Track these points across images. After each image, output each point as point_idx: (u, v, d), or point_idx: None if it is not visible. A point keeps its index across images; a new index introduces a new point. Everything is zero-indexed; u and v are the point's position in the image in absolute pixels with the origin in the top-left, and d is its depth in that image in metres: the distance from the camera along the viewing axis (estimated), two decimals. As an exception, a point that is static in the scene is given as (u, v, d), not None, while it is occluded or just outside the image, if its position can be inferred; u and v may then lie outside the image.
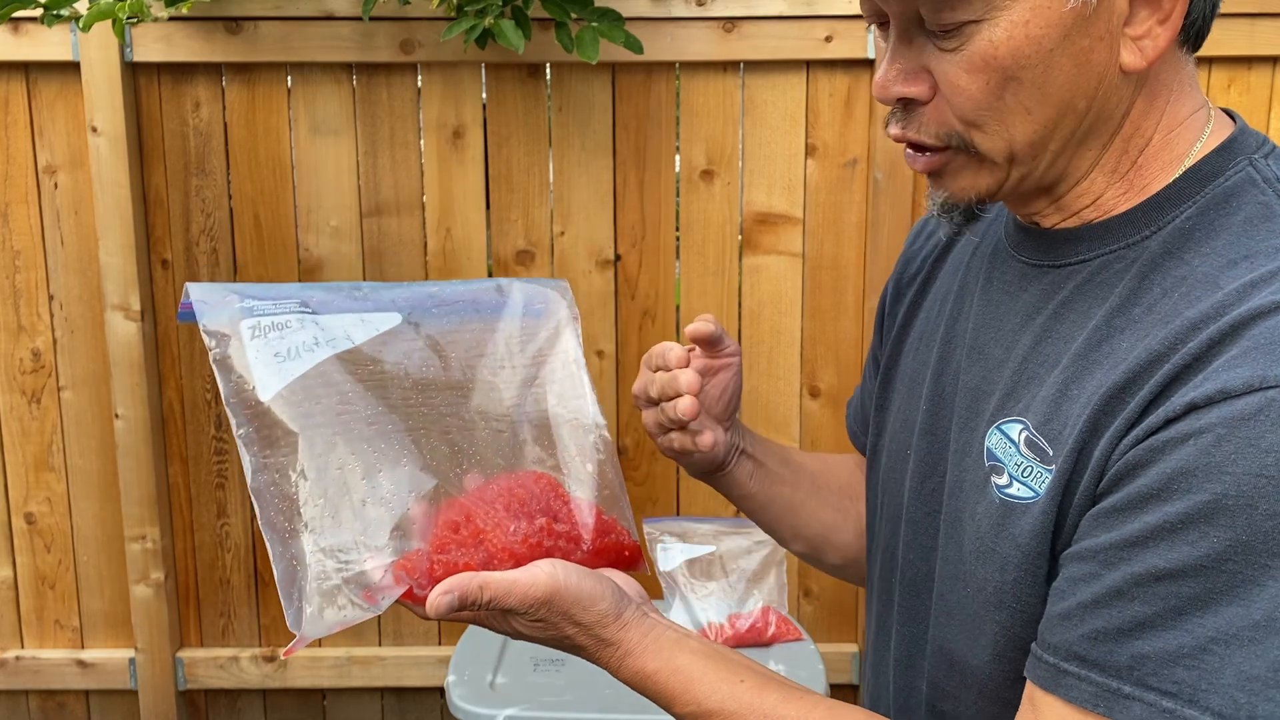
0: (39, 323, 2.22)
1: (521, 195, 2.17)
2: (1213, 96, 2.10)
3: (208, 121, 2.16)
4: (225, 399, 0.77)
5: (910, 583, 0.94)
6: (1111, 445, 0.72)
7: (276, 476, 0.77)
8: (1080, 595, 0.71)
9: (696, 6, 2.05)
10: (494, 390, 0.86)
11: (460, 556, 0.80)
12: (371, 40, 2.07)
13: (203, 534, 2.31)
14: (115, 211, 2.11)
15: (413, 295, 0.87)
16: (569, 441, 0.88)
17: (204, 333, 0.79)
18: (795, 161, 2.15)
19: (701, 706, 0.82)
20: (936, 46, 0.75)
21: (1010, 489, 0.79)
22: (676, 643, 0.84)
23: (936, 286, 1.00)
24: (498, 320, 0.89)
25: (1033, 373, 0.81)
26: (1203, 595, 0.66)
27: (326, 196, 2.17)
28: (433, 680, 2.33)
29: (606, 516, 0.87)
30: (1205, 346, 0.69)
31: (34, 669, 2.33)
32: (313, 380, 0.79)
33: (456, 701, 1.76)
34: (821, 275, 2.17)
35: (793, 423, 2.23)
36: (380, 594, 0.78)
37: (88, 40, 2.04)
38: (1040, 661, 0.73)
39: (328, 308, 0.83)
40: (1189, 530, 0.66)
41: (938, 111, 0.77)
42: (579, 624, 0.81)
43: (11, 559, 2.31)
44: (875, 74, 0.80)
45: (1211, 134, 0.80)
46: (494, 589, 0.78)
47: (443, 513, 0.81)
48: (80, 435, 2.26)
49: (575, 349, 0.91)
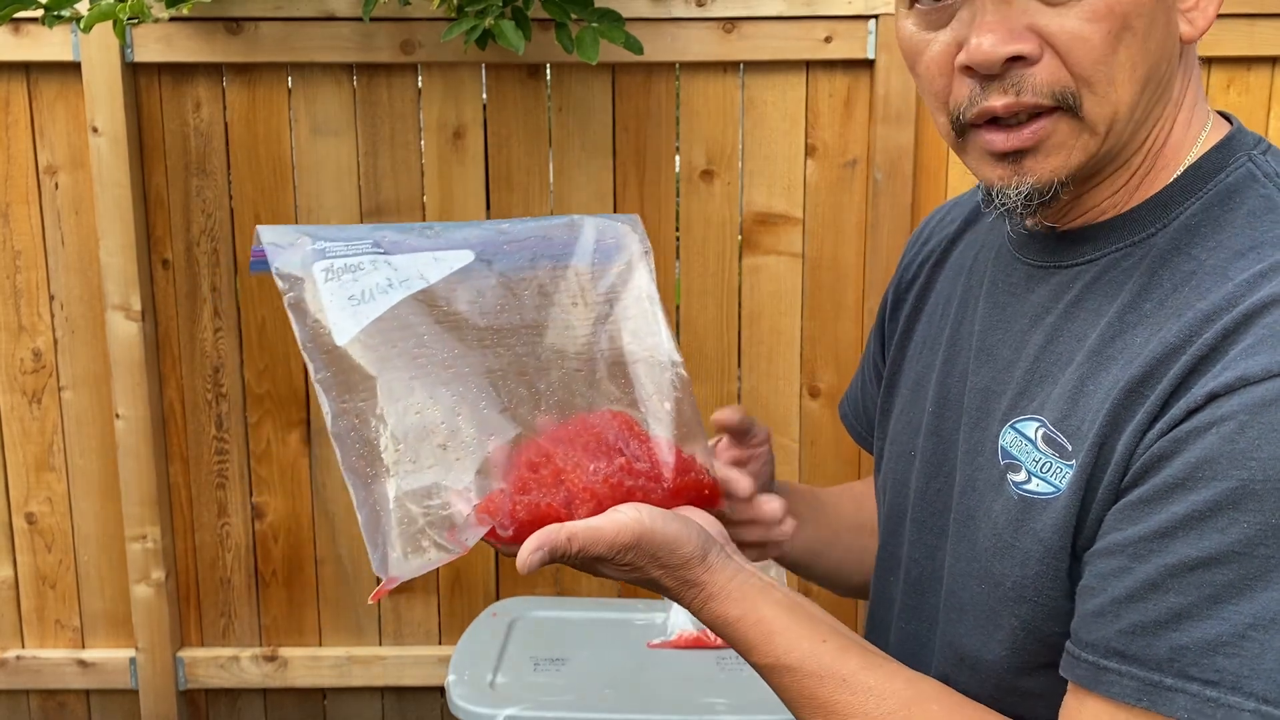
0: (40, 323, 2.23)
1: (522, 195, 2.17)
2: (1213, 96, 2.10)
3: (208, 122, 2.16)
4: (301, 343, 0.76)
5: (915, 582, 0.94)
6: (1135, 439, 0.72)
7: (356, 421, 0.76)
8: (1113, 590, 0.71)
9: (696, 7, 2.05)
10: (568, 329, 0.86)
11: (541, 497, 0.80)
12: (372, 41, 2.07)
13: (203, 534, 2.31)
14: (116, 211, 2.12)
15: (484, 234, 0.86)
16: (645, 379, 0.87)
17: (276, 276, 0.78)
18: (795, 162, 2.15)
19: (780, 661, 0.81)
20: (1045, 3, 0.74)
21: (1029, 485, 0.79)
22: (761, 591, 0.83)
23: (937, 292, 1.00)
24: (570, 257, 0.87)
25: (1046, 371, 0.81)
26: (1236, 582, 0.66)
27: (327, 197, 2.17)
28: (433, 680, 2.33)
29: (685, 455, 0.86)
30: (1220, 336, 0.70)
31: (34, 668, 2.34)
32: (388, 323, 0.78)
33: (456, 701, 1.76)
34: (821, 275, 2.18)
35: (792, 423, 2.23)
36: (465, 534, 0.77)
37: (88, 40, 2.05)
38: (1079, 661, 0.73)
39: (400, 248, 0.82)
40: (1218, 518, 0.66)
41: (1048, 70, 0.75)
42: (665, 566, 0.80)
43: (12, 558, 2.31)
44: (938, 52, 0.77)
45: (1212, 129, 0.81)
46: (582, 539, 0.77)
47: (522, 453, 0.81)
48: (81, 435, 2.27)
49: (649, 285, 0.89)
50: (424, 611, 2.35)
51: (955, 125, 0.79)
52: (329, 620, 2.35)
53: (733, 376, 2.23)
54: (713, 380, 2.23)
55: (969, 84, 0.77)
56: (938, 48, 0.78)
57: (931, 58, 0.79)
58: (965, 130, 0.79)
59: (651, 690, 1.81)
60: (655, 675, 1.86)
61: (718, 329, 2.21)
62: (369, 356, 0.77)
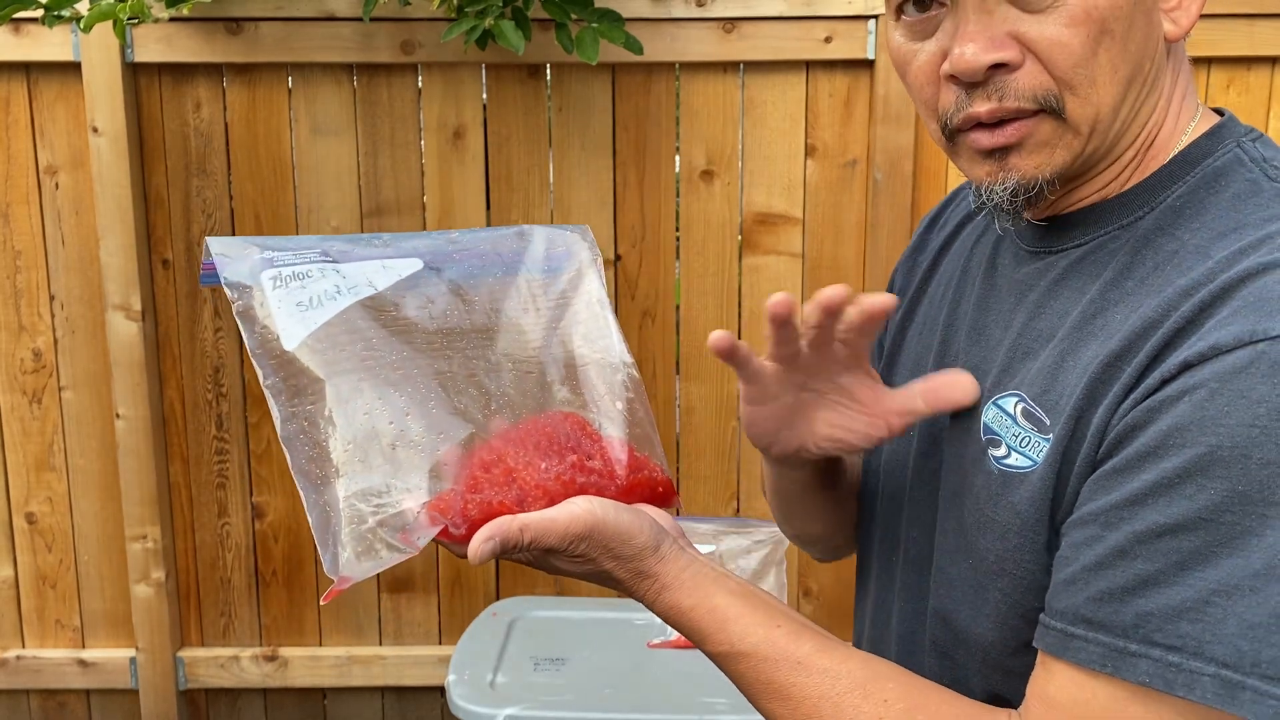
0: (40, 323, 2.23)
1: (522, 195, 2.17)
2: (1212, 97, 2.10)
3: (208, 122, 2.16)
4: (250, 350, 0.77)
5: (914, 561, 0.94)
6: (1110, 412, 0.73)
7: (305, 424, 0.77)
8: (1084, 559, 0.71)
9: (696, 7, 2.05)
10: (519, 333, 0.86)
11: (494, 495, 0.80)
12: (372, 41, 2.08)
13: (203, 533, 2.31)
14: (116, 212, 2.12)
15: (434, 243, 0.87)
16: (597, 381, 0.88)
17: (225, 285, 0.78)
18: (795, 162, 2.15)
19: (734, 648, 0.81)
20: (1024, 10, 0.76)
21: (1008, 459, 0.80)
22: (715, 580, 0.84)
23: (940, 274, 1.02)
24: (520, 265, 0.88)
25: (1028, 348, 0.83)
26: (1203, 548, 0.67)
27: (327, 197, 2.18)
28: (433, 680, 2.33)
29: (639, 454, 0.87)
30: (1197, 310, 0.70)
31: (35, 668, 2.34)
32: (336, 327, 0.79)
33: (456, 701, 1.77)
34: (821, 275, 2.18)
35: (792, 423, 2.23)
36: (416, 534, 0.78)
37: (89, 41, 2.05)
38: (1048, 629, 0.73)
39: (349, 256, 0.83)
40: (1186, 484, 0.67)
41: (1030, 75, 0.77)
42: (618, 557, 0.81)
43: (12, 558, 2.31)
44: (925, 62, 0.79)
45: (1201, 120, 0.83)
46: (534, 530, 0.77)
47: (474, 453, 0.81)
48: (81, 435, 2.27)
49: (599, 289, 0.90)
50: (424, 611, 2.35)
51: (945, 131, 0.82)
52: (329, 620, 2.35)
53: (733, 377, 2.23)
54: (713, 380, 2.23)
55: (955, 91, 0.79)
56: (924, 57, 0.80)
57: (919, 67, 0.81)
58: (954, 135, 0.81)
59: (651, 690, 1.82)
60: (655, 675, 1.86)
61: (718, 329, 2.21)
62: (317, 360, 0.78)
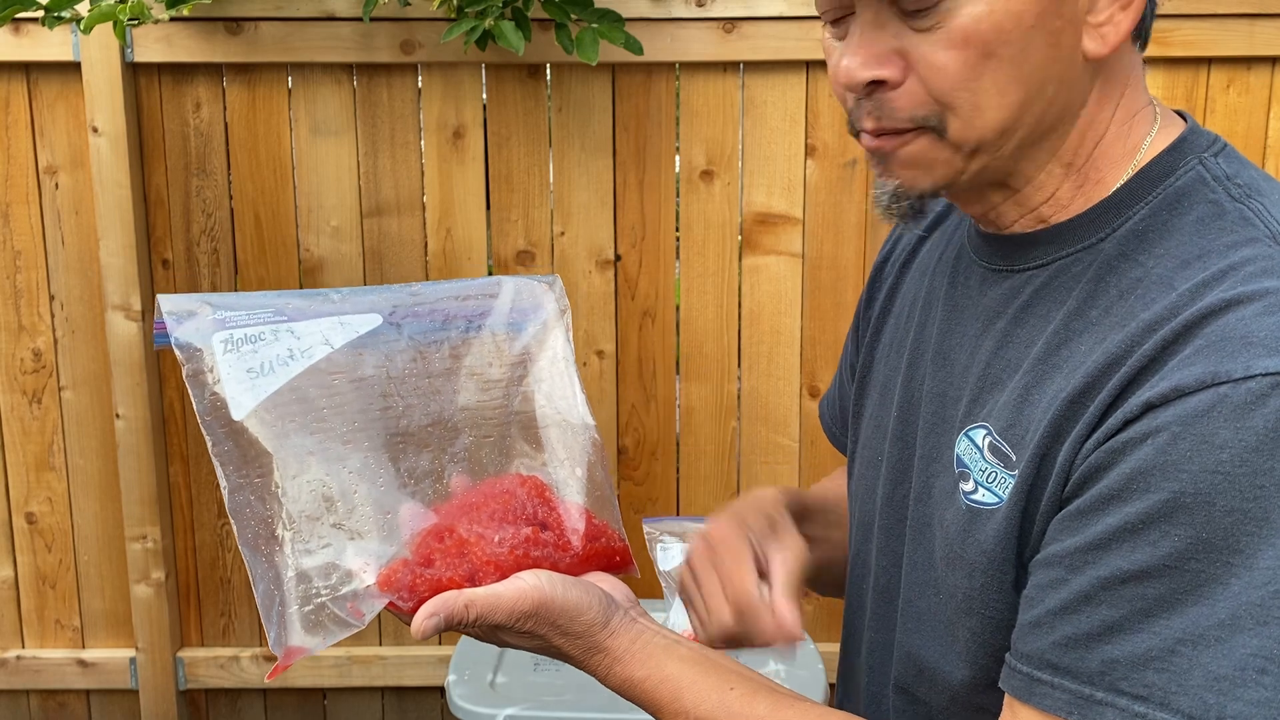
0: (40, 323, 2.23)
1: (522, 196, 2.17)
2: (1212, 97, 2.10)
3: (208, 122, 2.16)
4: (200, 416, 0.76)
5: (883, 590, 0.93)
6: (1074, 449, 0.72)
7: (252, 498, 0.76)
8: (1049, 602, 0.71)
9: (696, 7, 2.05)
10: (481, 391, 0.85)
11: (444, 570, 0.79)
12: (372, 41, 2.07)
13: (203, 534, 2.31)
14: (116, 212, 2.12)
15: (394, 297, 0.84)
16: (557, 443, 0.86)
17: (175, 347, 0.77)
18: (795, 162, 2.15)
19: (690, 716, 0.81)
20: (911, 28, 0.74)
21: (975, 495, 0.79)
22: (665, 649, 0.83)
23: (904, 292, 1.00)
24: (484, 320, 0.87)
25: (995, 378, 0.81)
26: (1168, 596, 0.66)
27: (327, 197, 2.18)
28: (433, 680, 2.33)
29: (597, 521, 0.86)
30: (1160, 348, 0.69)
31: (34, 669, 2.34)
32: (286, 396, 0.77)
33: (457, 701, 1.77)
34: (821, 275, 2.18)
35: (792, 423, 2.23)
36: (364, 605, 0.77)
37: (89, 41, 2.05)
38: (1015, 672, 0.73)
39: (304, 314, 0.81)
40: (1150, 530, 0.66)
41: (909, 94, 0.76)
42: (567, 634, 0.80)
43: (12, 558, 2.31)
44: (834, 65, 0.79)
45: (1161, 131, 0.80)
46: (480, 606, 0.77)
47: (426, 523, 0.80)
48: (81, 435, 2.27)
49: (564, 347, 0.88)
50: (424, 611, 2.35)
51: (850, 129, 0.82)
52: (329, 620, 2.35)
53: (733, 377, 2.23)
54: (712, 381, 2.23)
55: (850, 98, 0.79)
56: (835, 57, 0.80)
57: (831, 66, 0.81)
58: (857, 134, 0.82)
59: (651, 690, 1.81)
60: (655, 675, 1.86)
61: (718, 329, 2.21)
62: (266, 432, 0.76)
